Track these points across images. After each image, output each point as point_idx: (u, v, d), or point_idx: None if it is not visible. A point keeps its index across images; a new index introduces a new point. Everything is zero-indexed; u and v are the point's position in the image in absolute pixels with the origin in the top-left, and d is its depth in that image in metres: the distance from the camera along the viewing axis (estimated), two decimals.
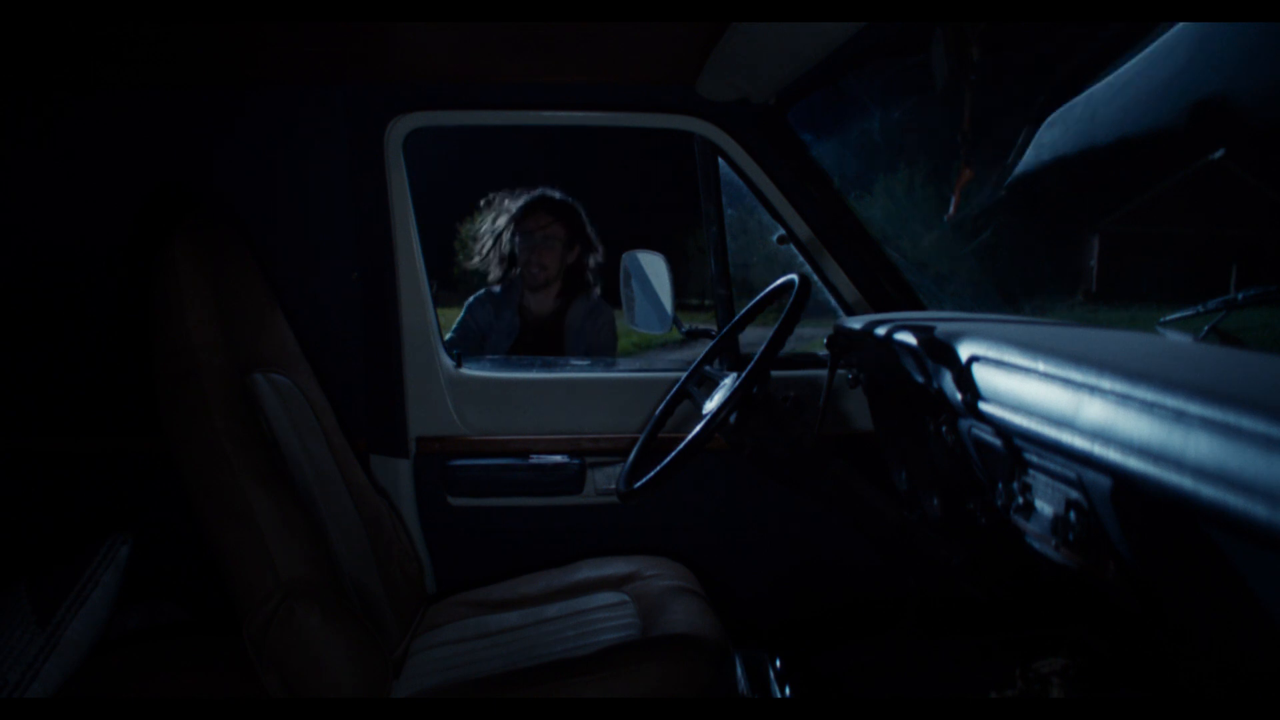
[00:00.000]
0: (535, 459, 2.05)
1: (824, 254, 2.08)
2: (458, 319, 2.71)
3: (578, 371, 2.17)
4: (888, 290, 2.08)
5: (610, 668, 1.36)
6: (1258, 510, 0.57)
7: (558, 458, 2.06)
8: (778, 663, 1.45)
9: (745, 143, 2.01)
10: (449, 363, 2.09)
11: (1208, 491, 0.62)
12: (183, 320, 1.38)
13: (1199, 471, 0.63)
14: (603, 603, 1.75)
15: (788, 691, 1.13)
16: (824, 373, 1.81)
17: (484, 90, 1.95)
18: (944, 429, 1.25)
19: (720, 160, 2.08)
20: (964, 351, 1.11)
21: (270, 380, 1.59)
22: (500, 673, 1.43)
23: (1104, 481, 0.81)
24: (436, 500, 2.05)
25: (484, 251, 2.77)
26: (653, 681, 1.35)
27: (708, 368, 1.73)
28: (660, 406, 1.76)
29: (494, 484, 2.04)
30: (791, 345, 1.66)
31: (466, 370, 2.10)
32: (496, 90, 1.95)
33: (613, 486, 2.06)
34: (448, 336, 2.50)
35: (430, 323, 2.08)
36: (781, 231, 2.09)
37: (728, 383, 1.57)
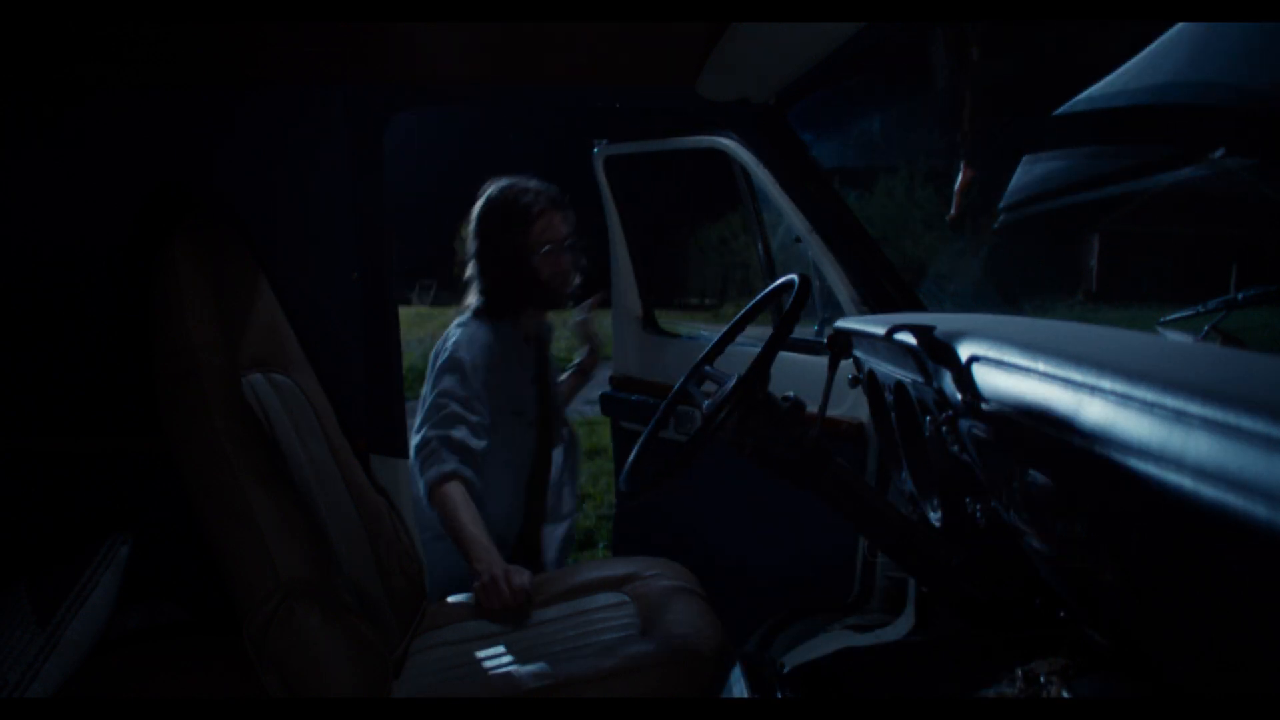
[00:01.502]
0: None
1: (824, 254, 2.08)
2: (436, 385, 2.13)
3: None
4: (888, 290, 2.08)
5: (610, 668, 1.36)
6: (1258, 510, 0.57)
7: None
8: (777, 663, 1.44)
9: (745, 143, 2.01)
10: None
11: (1208, 492, 0.62)
12: (183, 320, 1.38)
13: (1199, 471, 0.63)
14: (603, 603, 1.75)
15: (788, 692, 1.13)
16: (823, 360, 1.81)
17: (484, 91, 1.95)
18: (944, 429, 1.25)
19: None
20: (964, 351, 1.11)
21: (271, 380, 1.59)
22: (500, 672, 1.43)
23: (1104, 481, 0.81)
24: None
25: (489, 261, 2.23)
26: (653, 682, 1.35)
27: (708, 368, 1.73)
28: (661, 406, 1.76)
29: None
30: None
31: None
32: (496, 91, 1.95)
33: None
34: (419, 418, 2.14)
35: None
36: (797, 233, 2.10)
37: (728, 383, 1.57)
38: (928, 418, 1.34)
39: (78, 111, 1.85)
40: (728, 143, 2.21)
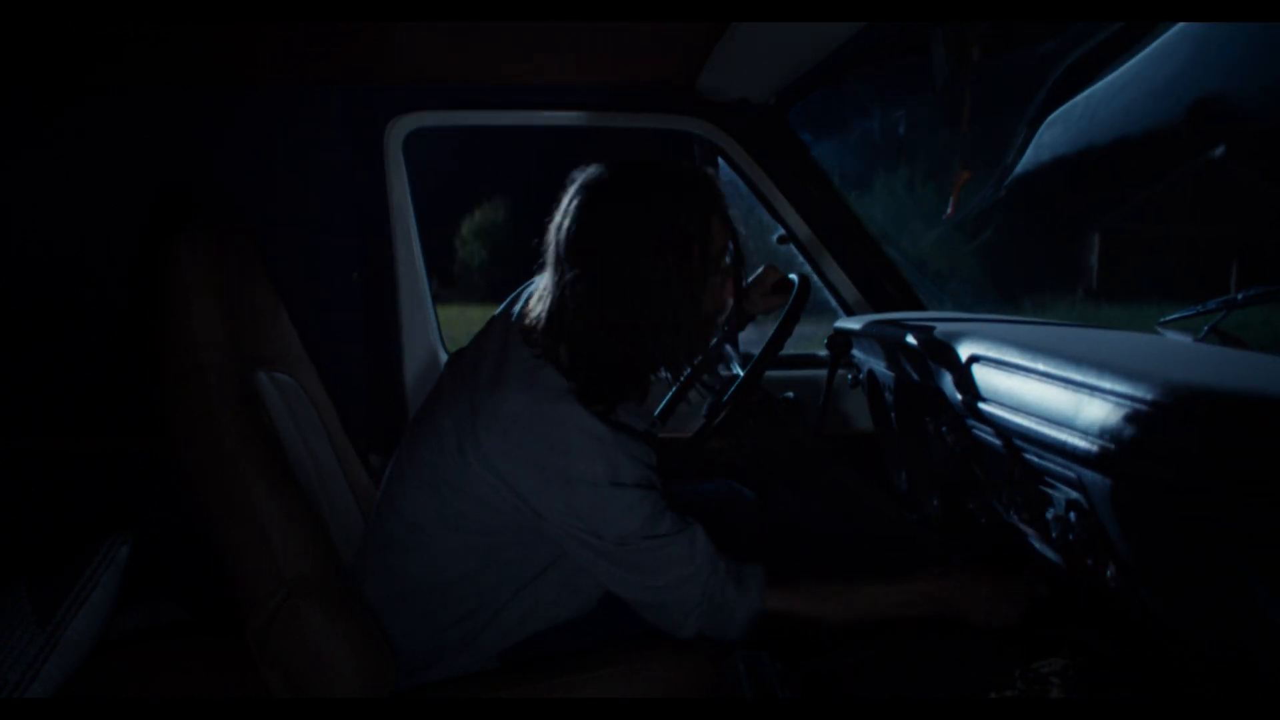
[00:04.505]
0: None
1: (824, 254, 2.08)
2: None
3: None
4: (888, 290, 2.08)
5: (611, 666, 1.36)
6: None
7: None
8: (778, 663, 1.44)
9: (745, 142, 2.01)
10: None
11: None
12: (188, 318, 1.38)
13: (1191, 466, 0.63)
14: None
15: (788, 692, 1.13)
16: (824, 373, 1.81)
17: (484, 90, 1.95)
18: (944, 429, 1.25)
19: (720, 160, 2.09)
20: (964, 351, 1.12)
21: (274, 379, 1.59)
22: (500, 671, 1.43)
23: (1104, 481, 0.81)
24: None
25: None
26: (654, 681, 1.35)
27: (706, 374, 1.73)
28: (661, 406, 1.76)
29: None
30: (792, 345, 1.66)
31: None
32: (496, 90, 1.95)
33: None
34: None
35: (430, 322, 2.08)
36: (781, 231, 2.10)
37: (728, 381, 1.57)
38: (927, 418, 1.34)
39: (79, 111, 1.85)
40: (707, 126, 2.03)
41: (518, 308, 1.37)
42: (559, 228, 1.25)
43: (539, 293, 1.30)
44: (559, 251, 1.24)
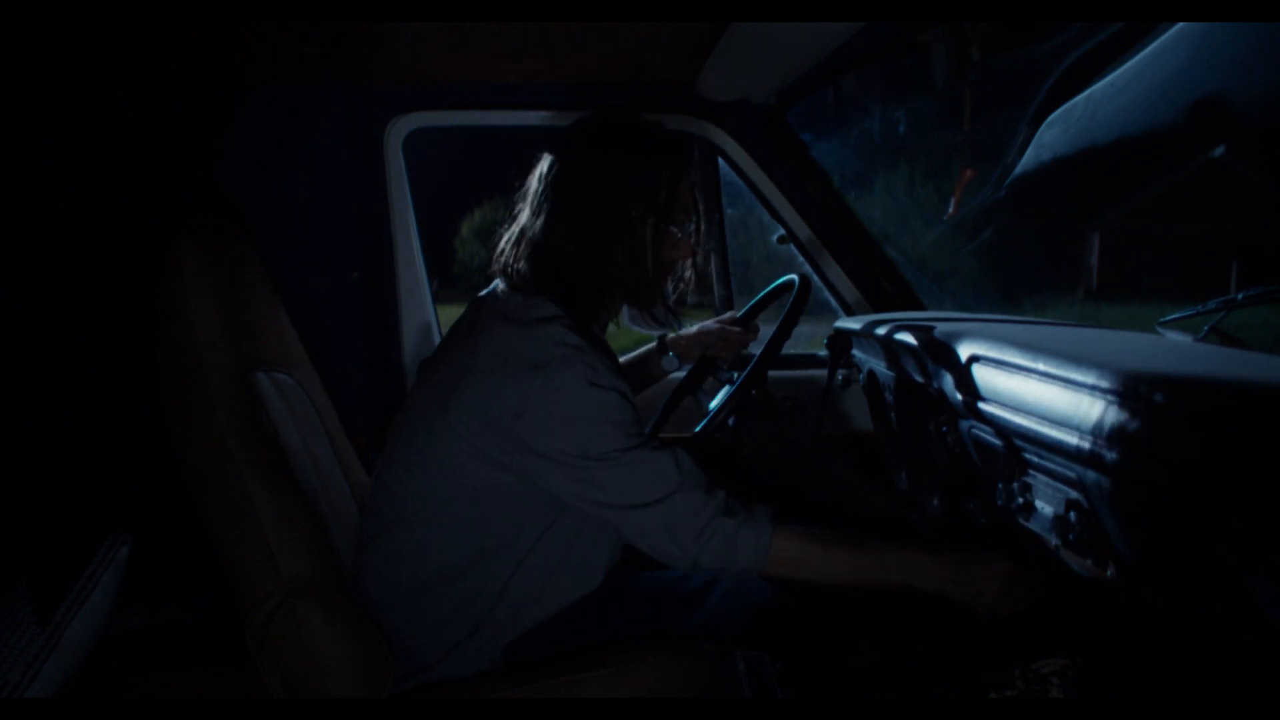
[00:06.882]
0: None
1: (824, 254, 2.08)
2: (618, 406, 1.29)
3: None
4: (888, 290, 2.08)
5: (610, 666, 1.36)
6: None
7: None
8: (778, 663, 1.44)
9: (745, 142, 2.01)
10: None
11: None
12: (187, 318, 1.38)
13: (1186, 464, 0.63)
14: None
15: (787, 692, 1.12)
16: (824, 373, 1.81)
17: (484, 90, 1.95)
18: (944, 429, 1.25)
19: (720, 160, 2.09)
20: (964, 351, 1.12)
21: (274, 379, 1.59)
22: (500, 671, 1.43)
23: (1104, 481, 0.81)
24: None
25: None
26: (653, 680, 1.35)
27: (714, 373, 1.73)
28: (661, 406, 1.76)
29: None
30: (792, 345, 1.67)
31: None
32: (496, 90, 1.95)
33: None
34: None
35: (430, 322, 2.08)
36: (781, 231, 2.10)
37: (728, 383, 1.58)
38: (927, 418, 1.34)
39: (79, 111, 1.85)
40: (707, 126, 2.02)
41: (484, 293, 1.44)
42: (540, 170, 1.37)
43: (510, 233, 1.38)
44: (539, 184, 1.36)
